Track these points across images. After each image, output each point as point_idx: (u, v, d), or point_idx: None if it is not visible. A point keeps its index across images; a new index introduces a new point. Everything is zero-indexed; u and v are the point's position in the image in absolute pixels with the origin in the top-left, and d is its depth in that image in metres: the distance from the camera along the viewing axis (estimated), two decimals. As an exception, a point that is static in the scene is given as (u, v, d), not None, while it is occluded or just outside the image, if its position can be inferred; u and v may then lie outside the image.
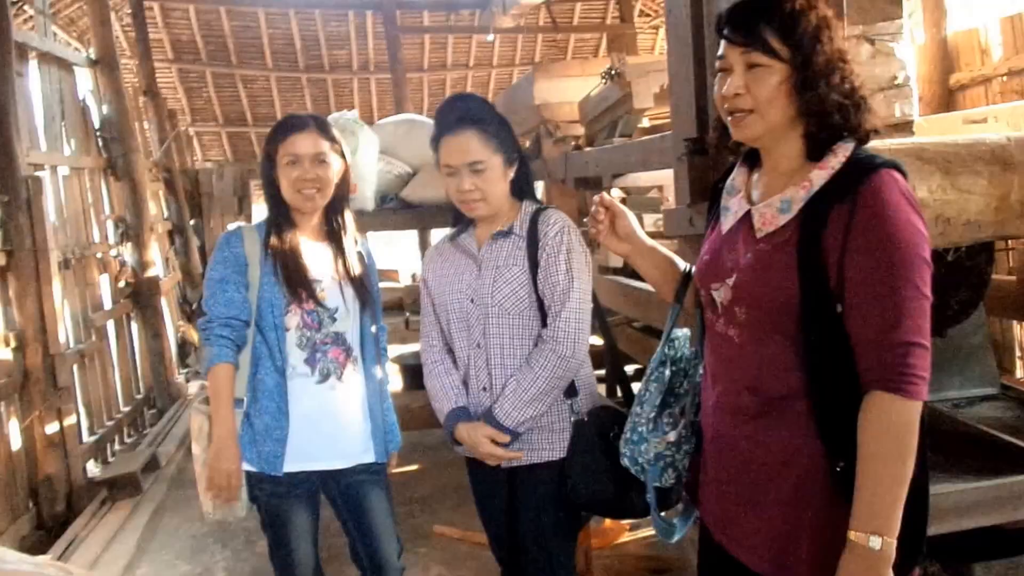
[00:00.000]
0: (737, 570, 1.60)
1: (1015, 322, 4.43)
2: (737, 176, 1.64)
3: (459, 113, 2.14)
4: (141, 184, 6.48)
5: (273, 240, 2.29)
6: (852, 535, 1.36)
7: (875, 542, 1.34)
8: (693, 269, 1.74)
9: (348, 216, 2.42)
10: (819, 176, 1.45)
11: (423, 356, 2.31)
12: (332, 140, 2.33)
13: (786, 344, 1.44)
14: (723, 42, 1.51)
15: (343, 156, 2.37)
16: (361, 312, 2.36)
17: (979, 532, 1.91)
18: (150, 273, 6.43)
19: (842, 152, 1.46)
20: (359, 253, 2.42)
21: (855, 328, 1.39)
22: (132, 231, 6.35)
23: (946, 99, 4.93)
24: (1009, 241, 2.89)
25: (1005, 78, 4.61)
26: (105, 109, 6.28)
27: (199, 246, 8.79)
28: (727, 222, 1.60)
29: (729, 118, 1.52)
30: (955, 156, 1.92)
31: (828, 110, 1.44)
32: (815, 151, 1.48)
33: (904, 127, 2.10)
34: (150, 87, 8.69)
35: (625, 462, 1.81)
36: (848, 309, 1.40)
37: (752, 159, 1.63)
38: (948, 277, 2.16)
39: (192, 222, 8.81)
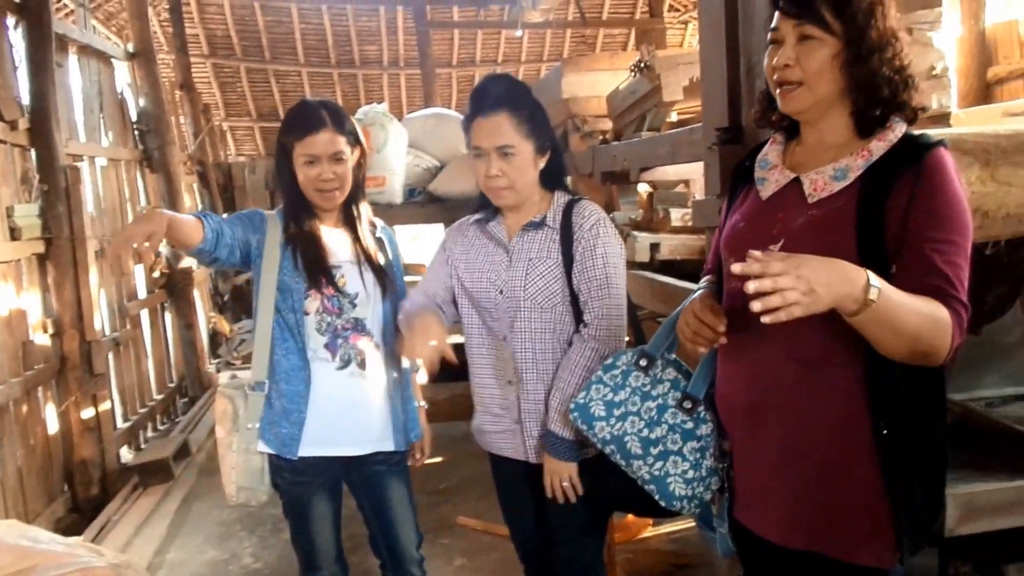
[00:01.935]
0: (758, 545, 1.62)
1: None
2: (770, 152, 1.64)
3: (494, 94, 2.06)
4: (176, 176, 6.57)
5: (292, 227, 2.28)
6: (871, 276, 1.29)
7: (874, 292, 1.27)
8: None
9: (364, 204, 2.40)
10: (878, 147, 1.47)
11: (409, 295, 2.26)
12: (348, 133, 2.27)
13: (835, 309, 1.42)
14: (777, 13, 1.52)
15: (359, 142, 2.32)
16: (383, 298, 2.34)
17: (1013, 532, 1.87)
18: (184, 264, 6.50)
19: (899, 128, 1.49)
20: (379, 239, 2.40)
21: (908, 282, 1.37)
22: (166, 222, 6.39)
23: (983, 93, 4.85)
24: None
25: (1046, 72, 4.54)
26: (142, 102, 6.37)
27: (231, 239, 8.85)
28: (766, 191, 1.60)
29: (778, 90, 1.53)
30: (995, 147, 1.88)
31: (878, 83, 1.46)
32: (864, 127, 1.50)
33: (941, 118, 2.06)
34: (186, 81, 8.79)
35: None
36: (901, 266, 1.40)
37: (788, 135, 1.64)
38: (986, 272, 2.12)
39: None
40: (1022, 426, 2.13)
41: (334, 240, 2.32)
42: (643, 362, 1.84)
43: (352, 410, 2.29)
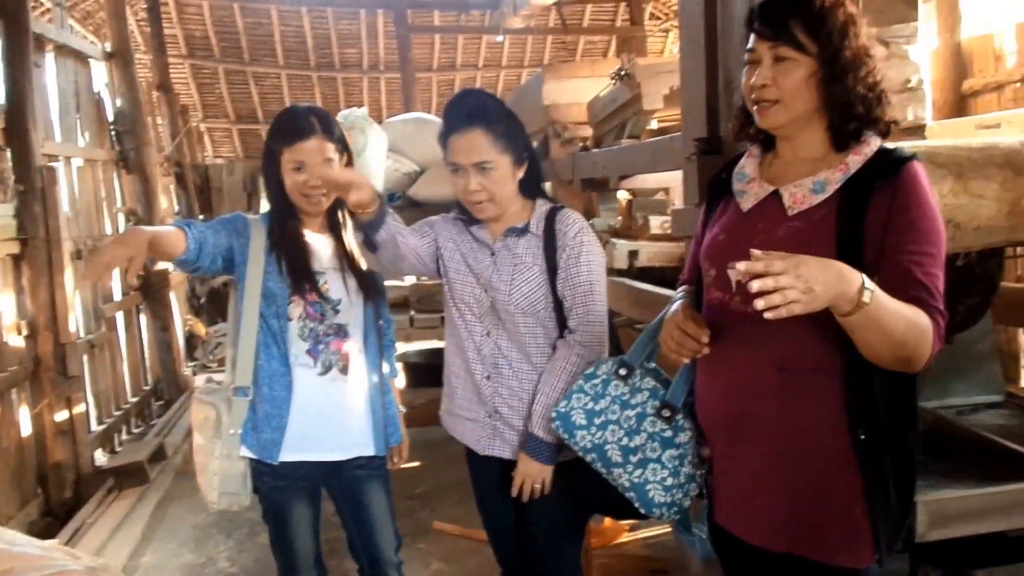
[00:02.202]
0: (739, 548, 1.65)
1: (1021, 330, 4.41)
2: (747, 165, 1.68)
3: (467, 110, 2.09)
4: (152, 178, 6.53)
5: (277, 233, 2.29)
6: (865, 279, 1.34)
7: (867, 295, 1.32)
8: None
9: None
10: (855, 161, 1.52)
11: None
12: (336, 139, 2.28)
13: (818, 317, 1.41)
14: (752, 35, 1.56)
15: (346, 148, 2.33)
16: (364, 304, 2.36)
17: (982, 538, 1.90)
18: (159, 266, 6.45)
19: (874, 142, 1.54)
20: None
21: (889, 293, 1.39)
22: (143, 224, 6.36)
23: (958, 105, 4.92)
24: (1019, 247, 2.87)
25: (1019, 84, 4.60)
26: (119, 102, 6.33)
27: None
28: (746, 203, 1.64)
29: (755, 107, 1.57)
30: (968, 160, 1.92)
31: (853, 101, 1.51)
32: (840, 142, 1.55)
33: (916, 131, 2.09)
34: (163, 82, 8.74)
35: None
36: (882, 278, 1.42)
37: (764, 148, 1.68)
38: (957, 283, 2.16)
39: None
40: (991, 434, 2.17)
41: (318, 246, 2.33)
42: (622, 371, 1.88)
43: (333, 415, 2.30)
